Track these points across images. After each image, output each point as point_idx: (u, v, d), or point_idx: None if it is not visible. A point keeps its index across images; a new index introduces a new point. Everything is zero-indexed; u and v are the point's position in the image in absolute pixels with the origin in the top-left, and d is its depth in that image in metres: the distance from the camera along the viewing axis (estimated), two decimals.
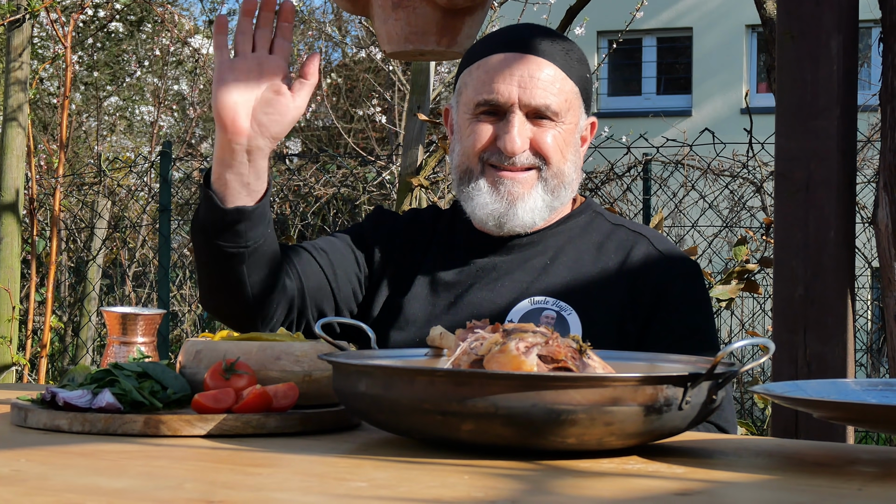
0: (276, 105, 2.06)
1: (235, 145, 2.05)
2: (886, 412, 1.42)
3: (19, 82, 6.46)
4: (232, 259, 2.09)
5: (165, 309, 6.78)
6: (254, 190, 2.08)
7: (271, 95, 2.06)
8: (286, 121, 2.07)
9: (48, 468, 1.39)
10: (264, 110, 2.06)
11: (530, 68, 2.20)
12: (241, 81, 2.05)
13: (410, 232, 2.35)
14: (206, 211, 2.08)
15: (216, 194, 2.07)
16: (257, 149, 2.06)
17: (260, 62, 2.07)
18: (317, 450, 1.55)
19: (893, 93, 2.54)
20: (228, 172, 2.06)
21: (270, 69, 2.07)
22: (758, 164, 7.27)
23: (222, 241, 2.08)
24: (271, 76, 2.07)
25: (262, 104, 2.06)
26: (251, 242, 2.08)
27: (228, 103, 2.05)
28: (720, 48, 15.79)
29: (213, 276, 2.14)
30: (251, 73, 2.06)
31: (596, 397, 1.42)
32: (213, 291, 2.17)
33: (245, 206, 2.06)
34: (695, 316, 2.23)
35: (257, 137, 2.06)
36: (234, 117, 2.04)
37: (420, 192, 5.20)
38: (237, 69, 2.06)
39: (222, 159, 2.06)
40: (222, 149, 2.06)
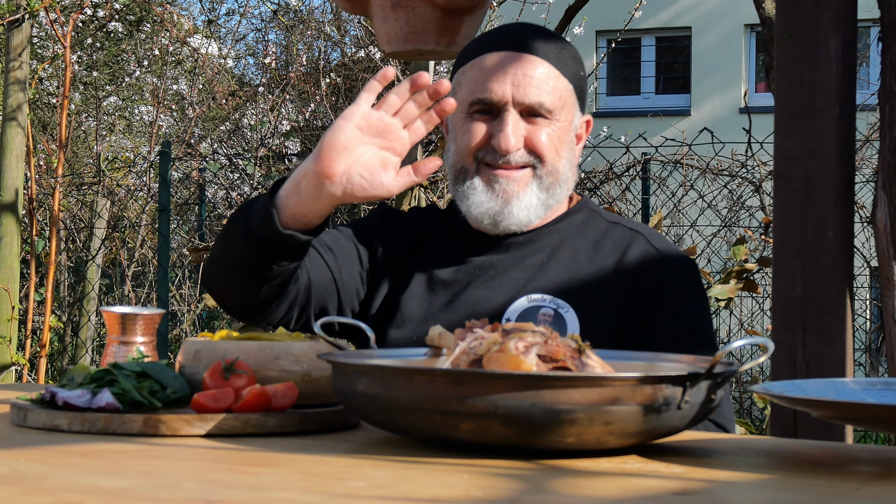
0: (374, 174, 1.99)
1: (316, 181, 1.99)
2: (885, 412, 1.43)
3: (18, 82, 6.46)
4: (262, 273, 2.07)
5: (165, 309, 6.78)
6: (308, 225, 2.03)
7: (376, 164, 1.99)
8: (371, 193, 2.00)
9: (47, 468, 1.39)
10: (361, 172, 1.99)
11: (524, 67, 2.20)
12: (362, 133, 1.99)
13: (412, 230, 2.35)
14: (261, 223, 2.03)
15: (277, 210, 2.02)
16: (330, 196, 1.99)
17: (390, 129, 1.99)
18: (316, 449, 1.55)
19: (892, 92, 2.54)
20: (297, 198, 2.01)
21: (393, 141, 2.00)
22: (756, 164, 7.27)
23: (263, 258, 2.04)
24: (388, 147, 2.00)
25: (363, 165, 1.99)
26: (285, 264, 2.06)
27: (338, 144, 1.97)
28: (719, 48, 15.79)
29: (234, 276, 2.11)
30: (377, 133, 1.99)
31: (595, 397, 1.42)
32: (225, 285, 2.16)
33: (299, 237, 2.02)
34: (692, 313, 2.23)
35: (338, 188, 1.98)
36: (333, 159, 1.97)
37: (419, 192, 5.20)
38: (368, 120, 1.98)
39: (299, 185, 2.00)
40: (305, 176, 2.00)
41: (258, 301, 2.12)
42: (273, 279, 2.07)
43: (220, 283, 2.17)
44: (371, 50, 10.11)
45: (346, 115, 1.98)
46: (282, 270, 2.06)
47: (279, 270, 2.06)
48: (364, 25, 9.67)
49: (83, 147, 11.39)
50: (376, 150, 1.99)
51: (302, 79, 11.27)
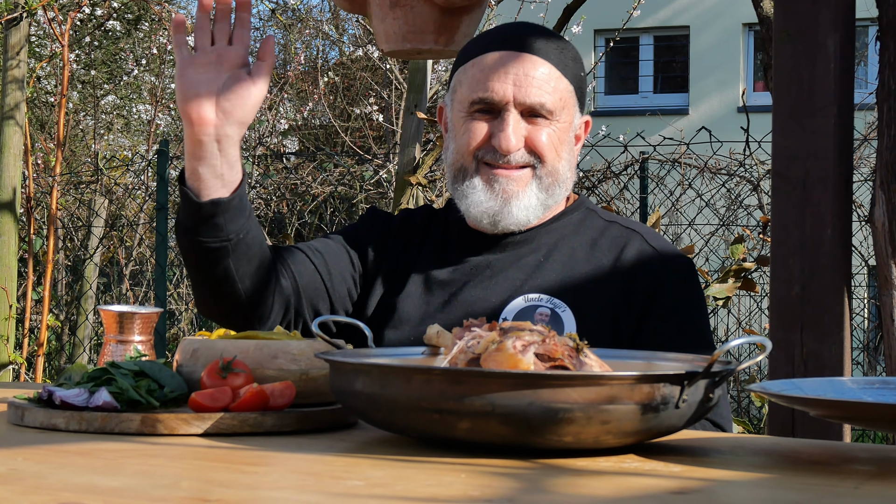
0: (237, 90, 2.08)
1: (204, 136, 2.07)
2: (883, 410, 1.43)
3: (16, 81, 6.46)
4: (215, 253, 2.09)
5: (162, 307, 6.77)
6: (229, 181, 2.09)
7: (232, 83, 2.09)
8: (250, 104, 2.09)
9: (45, 467, 1.39)
10: (227, 97, 2.08)
11: (525, 67, 2.20)
12: (201, 75, 2.08)
13: (403, 232, 2.35)
14: (184, 208, 2.10)
15: (191, 190, 2.08)
16: (226, 137, 2.08)
17: (219, 54, 2.10)
18: (313, 448, 1.55)
19: (890, 91, 2.54)
20: (201, 166, 2.08)
21: (230, 59, 2.10)
22: (755, 163, 7.27)
23: (204, 238, 2.08)
24: (231, 66, 2.10)
25: (224, 94, 2.08)
26: (233, 235, 2.08)
27: (191, 97, 2.07)
28: (717, 46, 15.79)
29: (200, 274, 2.14)
30: (211, 65, 2.09)
31: (593, 396, 1.42)
32: (203, 290, 2.17)
33: (221, 198, 2.08)
34: (689, 312, 2.23)
35: (224, 125, 2.08)
36: (198, 110, 2.07)
37: (417, 191, 5.19)
38: (197, 64, 2.09)
39: (193, 153, 2.08)
40: (192, 143, 2.08)
41: (240, 296, 2.13)
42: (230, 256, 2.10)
43: (200, 296, 2.20)
44: (369, 49, 10.11)
45: (178, 74, 2.09)
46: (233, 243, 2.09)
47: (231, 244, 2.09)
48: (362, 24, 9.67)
49: (81, 146, 11.39)
50: (224, 76, 2.09)
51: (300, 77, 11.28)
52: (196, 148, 2.07)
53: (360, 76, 11.32)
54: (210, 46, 2.10)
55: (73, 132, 11.12)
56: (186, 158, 2.09)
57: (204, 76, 2.08)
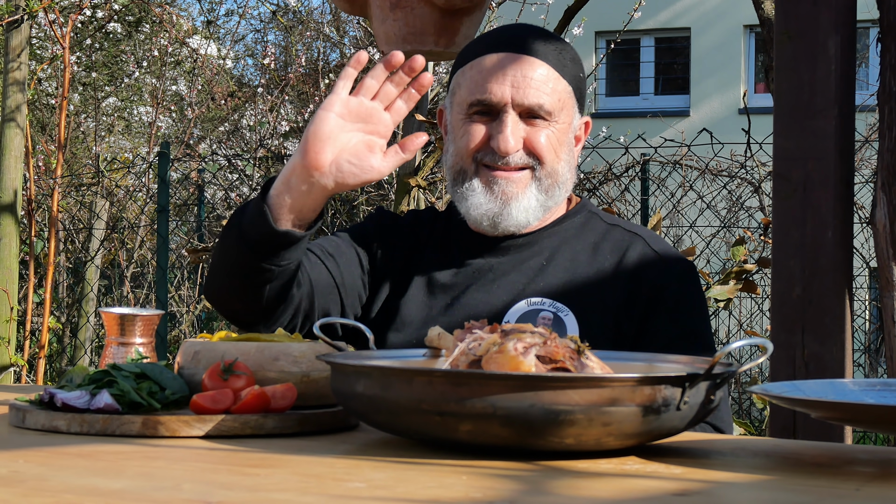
0: (362, 159, 2.01)
1: (306, 175, 2.00)
2: (884, 412, 1.42)
3: (17, 83, 6.46)
4: (262, 274, 2.06)
5: (164, 310, 6.78)
6: (303, 220, 2.04)
7: (362, 148, 2.01)
8: (362, 178, 2.02)
9: (46, 469, 1.39)
10: (349, 159, 2.00)
11: (523, 68, 2.20)
12: (344, 121, 2.01)
13: (410, 233, 2.35)
14: (254, 223, 2.03)
15: (271, 209, 2.02)
16: (322, 188, 2.01)
17: (371, 113, 2.02)
18: (315, 450, 1.55)
19: (891, 93, 2.55)
20: (288, 195, 2.01)
21: (376, 124, 2.03)
22: (756, 165, 7.27)
23: (258, 254, 2.04)
24: (373, 130, 2.03)
25: (350, 152, 2.01)
26: (284, 263, 2.05)
27: (321, 134, 1.99)
28: (718, 48, 15.79)
29: (231, 278, 2.10)
30: (359, 118, 2.02)
31: (594, 398, 1.42)
32: (223, 289, 2.14)
33: (295, 233, 2.02)
34: (690, 316, 2.23)
35: (329, 178, 2.00)
36: (320, 150, 1.99)
37: (418, 193, 5.20)
38: (348, 107, 2.01)
39: (289, 181, 2.01)
40: (293, 172, 2.01)
41: (261, 307, 2.11)
42: (273, 280, 2.07)
43: (221, 292, 2.16)
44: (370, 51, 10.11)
45: (326, 106, 2.00)
46: (281, 271, 2.06)
47: (278, 271, 2.05)
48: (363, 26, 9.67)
49: (82, 148, 11.39)
50: (361, 136, 2.02)
51: (301, 79, 11.27)
52: (294, 178, 2.01)
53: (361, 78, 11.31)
54: (368, 101, 2.02)
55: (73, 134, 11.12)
56: (280, 180, 2.02)
57: (344, 124, 2.01)
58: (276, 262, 2.04)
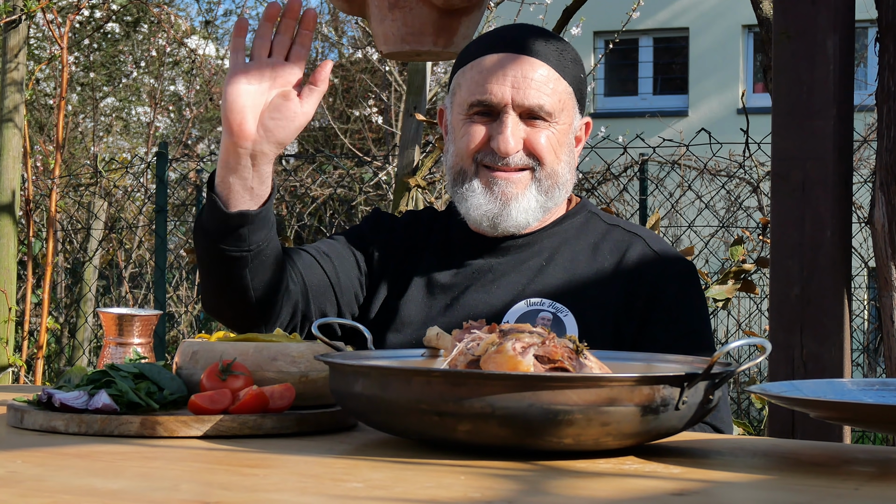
0: (283, 111, 2.05)
1: (240, 149, 2.04)
2: (883, 412, 1.42)
3: (15, 83, 6.46)
4: (235, 263, 2.08)
5: (162, 310, 6.78)
6: (258, 194, 2.07)
7: (280, 101, 2.05)
8: (293, 127, 2.06)
9: (44, 469, 1.39)
10: (271, 115, 2.04)
11: (524, 69, 2.20)
12: (252, 86, 2.04)
13: (408, 234, 2.35)
14: (210, 214, 2.07)
15: (220, 198, 2.05)
16: (262, 154, 2.05)
17: (274, 68, 2.06)
18: (313, 450, 1.55)
19: (890, 92, 2.54)
20: (232, 176, 2.05)
21: (283, 75, 2.06)
22: (754, 164, 7.28)
23: (225, 245, 2.06)
24: (283, 82, 2.06)
25: (270, 109, 2.05)
26: (254, 246, 2.07)
27: (237, 107, 2.03)
28: (716, 48, 15.79)
29: (215, 279, 2.13)
30: (264, 77, 2.05)
31: (592, 397, 1.42)
32: (215, 294, 2.16)
33: (248, 211, 2.05)
34: (690, 317, 2.23)
35: (262, 142, 2.04)
36: (241, 121, 2.03)
37: (417, 193, 5.19)
38: (250, 73, 2.05)
39: (227, 163, 2.05)
40: (227, 152, 2.05)
41: (251, 302, 2.11)
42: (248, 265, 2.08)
43: (212, 297, 2.18)
44: (368, 51, 10.12)
45: (230, 81, 2.04)
46: (253, 253, 2.07)
47: (250, 254, 2.07)
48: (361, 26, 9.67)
49: (80, 148, 11.39)
50: (274, 91, 2.06)
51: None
52: (231, 158, 2.04)
53: (360, 78, 11.32)
54: (267, 58, 2.06)
55: (72, 134, 11.12)
56: (219, 165, 2.06)
57: (254, 87, 2.05)
58: (243, 245, 2.07)
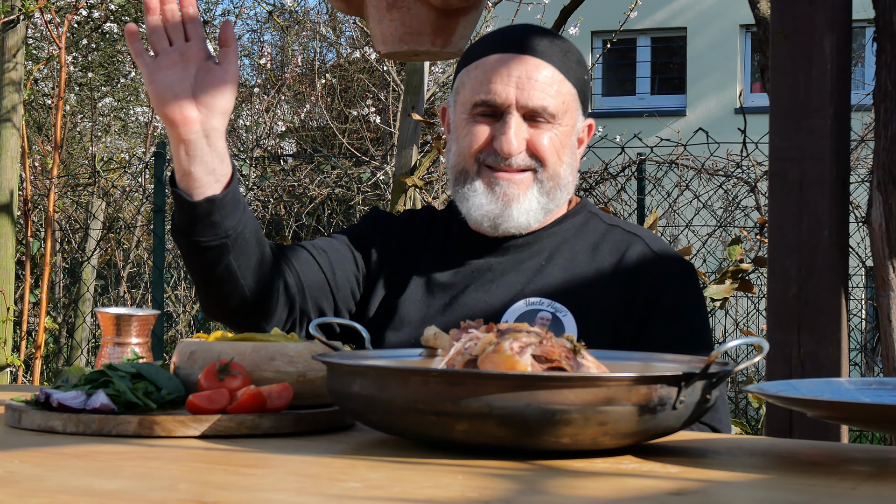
0: (211, 82, 2.09)
1: (192, 135, 2.06)
2: (880, 411, 1.43)
3: (13, 83, 6.45)
4: (215, 252, 2.08)
5: (160, 310, 6.78)
6: (221, 175, 2.09)
7: (203, 75, 2.09)
8: (227, 92, 2.10)
9: (42, 469, 1.39)
10: (203, 91, 2.08)
11: (528, 69, 2.20)
12: (171, 76, 2.08)
13: (406, 233, 2.35)
14: (179, 210, 2.09)
15: (184, 192, 2.07)
16: (213, 129, 2.08)
17: (181, 52, 2.10)
18: (311, 450, 1.55)
19: (887, 92, 2.55)
20: (192, 165, 2.07)
21: (193, 54, 2.10)
22: (752, 164, 7.28)
23: (201, 237, 2.08)
24: (196, 60, 2.10)
25: (197, 87, 2.08)
26: (230, 231, 2.08)
27: (169, 99, 2.07)
28: (714, 48, 15.79)
29: (202, 275, 2.13)
30: (177, 65, 2.09)
31: (590, 397, 1.42)
32: (207, 292, 2.17)
33: (215, 195, 2.07)
34: (689, 317, 2.23)
35: (209, 119, 2.08)
36: (180, 110, 2.06)
37: (414, 193, 5.19)
38: (163, 66, 2.09)
39: (183, 154, 2.07)
40: (180, 143, 2.07)
41: (245, 294, 2.12)
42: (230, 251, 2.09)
43: (205, 297, 2.20)
44: (366, 51, 10.11)
45: (148, 81, 2.09)
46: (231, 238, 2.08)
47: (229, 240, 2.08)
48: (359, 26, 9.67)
49: (78, 148, 11.38)
50: (190, 72, 2.09)
51: (297, 80, 11.27)
52: (186, 148, 2.06)
53: (358, 78, 11.31)
54: (169, 47, 2.10)
55: (70, 134, 11.12)
56: (175, 161, 2.08)
57: (174, 76, 2.08)
58: (220, 232, 2.08)
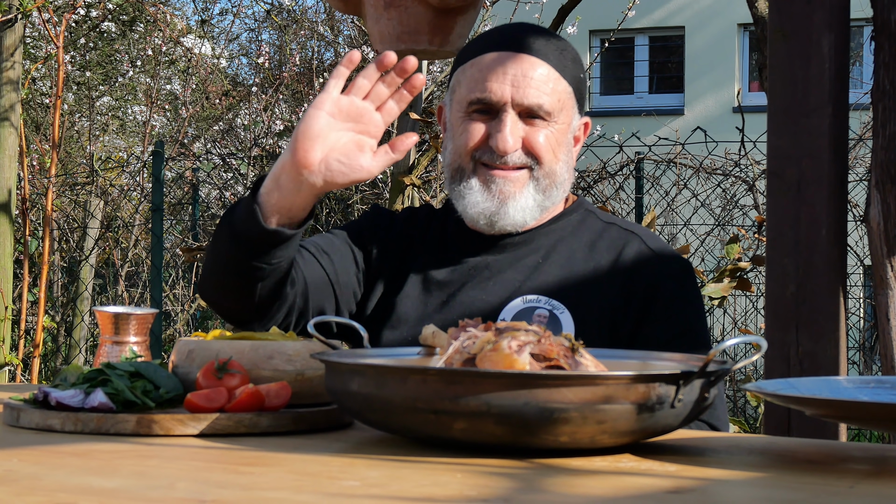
0: (351, 158, 1.99)
1: (294, 173, 1.99)
2: (878, 410, 1.43)
3: (11, 82, 6.45)
4: (253, 273, 2.05)
5: (158, 308, 6.77)
6: (296, 217, 2.03)
7: (352, 148, 2.00)
8: (351, 178, 2.00)
9: (40, 468, 1.39)
10: (338, 158, 1.99)
11: (524, 67, 2.20)
12: (335, 119, 1.99)
13: (405, 231, 2.35)
14: (245, 222, 2.02)
15: (261, 207, 2.02)
16: (311, 186, 1.99)
17: (362, 112, 2.01)
18: (309, 449, 1.55)
19: (885, 91, 2.55)
20: (278, 193, 2.01)
21: (367, 123, 2.01)
22: (750, 163, 7.28)
23: (250, 257, 2.03)
24: (363, 130, 2.01)
25: (340, 151, 1.99)
26: (275, 261, 2.04)
27: (311, 132, 1.98)
28: (712, 47, 15.80)
29: (226, 279, 2.10)
30: (349, 117, 2.00)
31: (588, 395, 1.42)
32: (219, 290, 2.14)
33: (284, 231, 2.01)
34: (686, 314, 2.23)
35: (318, 177, 1.99)
36: (308, 148, 1.98)
37: (412, 191, 5.20)
38: (339, 106, 2.00)
39: (278, 179, 2.00)
40: (282, 169, 2.00)
41: (254, 304, 2.11)
42: (265, 278, 2.06)
43: (215, 290, 2.15)
44: (364, 50, 10.11)
45: (316, 104, 1.99)
46: (273, 268, 2.05)
47: (270, 269, 2.05)
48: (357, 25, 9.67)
49: (76, 147, 11.38)
50: (351, 135, 2.01)
51: (295, 79, 11.26)
52: (283, 177, 2.00)
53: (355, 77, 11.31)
54: (360, 101, 2.01)
55: (68, 134, 11.11)
56: (271, 177, 2.01)
57: (335, 123, 1.99)
58: (268, 260, 2.04)
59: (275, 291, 2.11)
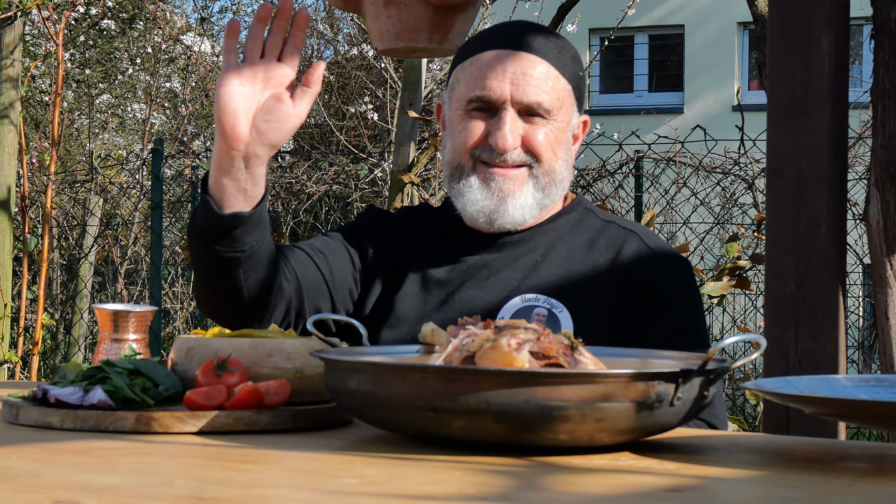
0: (276, 112, 2.03)
1: (233, 151, 2.02)
2: (877, 408, 1.43)
3: (11, 80, 6.45)
4: (228, 263, 2.07)
5: (157, 306, 6.77)
6: (251, 196, 2.06)
7: (273, 103, 2.03)
8: (285, 129, 2.04)
9: (39, 465, 1.39)
10: (264, 118, 2.03)
11: (523, 65, 2.20)
12: (244, 87, 2.03)
13: (403, 230, 2.35)
14: (203, 216, 2.06)
15: (213, 199, 2.05)
16: (255, 156, 2.03)
17: (266, 69, 2.04)
18: (308, 446, 1.55)
19: (885, 89, 2.55)
20: (225, 178, 2.04)
21: (276, 77, 2.04)
22: (749, 161, 7.28)
23: (219, 246, 2.06)
24: (276, 84, 2.04)
25: (262, 111, 2.03)
26: (247, 247, 2.07)
27: (229, 109, 2.01)
28: (712, 45, 15.79)
29: (209, 279, 2.13)
30: (256, 79, 2.03)
31: (587, 393, 1.42)
32: (209, 294, 2.17)
33: (241, 212, 2.05)
34: (685, 313, 2.23)
35: (255, 145, 2.03)
36: (234, 124, 2.01)
37: (412, 190, 5.19)
38: (243, 75, 2.03)
39: (220, 164, 2.04)
40: (220, 154, 2.03)
41: (245, 299, 2.11)
42: (242, 265, 2.08)
43: (205, 295, 2.18)
44: (364, 47, 10.11)
45: (222, 82, 2.02)
46: (247, 254, 2.07)
47: (244, 255, 2.07)
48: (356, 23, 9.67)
49: (76, 145, 11.38)
50: (266, 93, 2.04)
51: None
52: (224, 160, 2.03)
53: (355, 75, 11.31)
54: (259, 59, 2.04)
55: (67, 131, 11.11)
56: (212, 167, 2.05)
57: (246, 89, 2.03)
58: (239, 247, 2.06)
59: (264, 283, 2.12)
